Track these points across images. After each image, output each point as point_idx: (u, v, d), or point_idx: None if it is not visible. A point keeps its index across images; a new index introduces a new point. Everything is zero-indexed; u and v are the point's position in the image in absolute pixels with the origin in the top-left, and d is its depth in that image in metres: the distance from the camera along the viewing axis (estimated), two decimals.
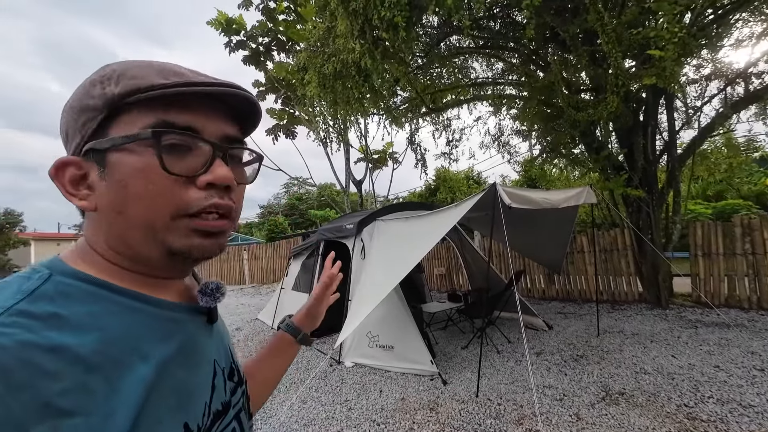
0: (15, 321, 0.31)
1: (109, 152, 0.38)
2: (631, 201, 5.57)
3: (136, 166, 0.38)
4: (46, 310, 0.33)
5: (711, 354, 3.56)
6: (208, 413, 0.43)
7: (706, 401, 2.71)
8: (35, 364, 0.30)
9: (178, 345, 0.41)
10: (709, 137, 6.03)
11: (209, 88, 0.40)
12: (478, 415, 2.78)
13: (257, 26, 9.51)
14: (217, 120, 0.43)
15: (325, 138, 9.95)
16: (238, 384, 0.53)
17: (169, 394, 0.38)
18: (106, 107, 0.38)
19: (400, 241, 4.05)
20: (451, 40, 6.52)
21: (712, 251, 5.29)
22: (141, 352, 0.37)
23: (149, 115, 0.39)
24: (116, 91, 0.38)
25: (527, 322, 4.93)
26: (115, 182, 0.38)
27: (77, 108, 0.40)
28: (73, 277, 0.38)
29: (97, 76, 0.39)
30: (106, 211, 0.39)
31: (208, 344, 0.47)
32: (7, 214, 19.53)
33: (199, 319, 0.47)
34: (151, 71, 0.40)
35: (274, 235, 21.29)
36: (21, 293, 0.34)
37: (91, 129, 0.39)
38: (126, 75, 0.39)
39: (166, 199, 0.39)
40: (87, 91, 0.39)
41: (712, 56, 4.95)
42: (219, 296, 0.48)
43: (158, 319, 0.41)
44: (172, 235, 0.40)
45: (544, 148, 6.71)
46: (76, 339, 0.33)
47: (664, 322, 4.72)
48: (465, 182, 15.44)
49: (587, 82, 5.91)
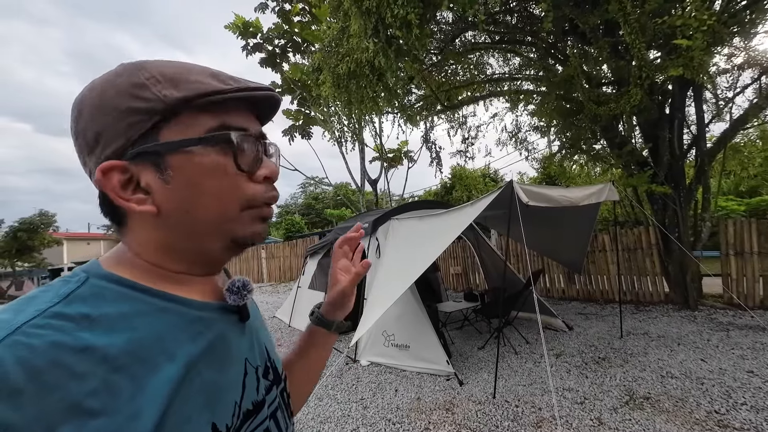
0: (48, 323, 0.32)
1: (170, 154, 0.39)
2: (656, 198, 5.34)
3: (207, 166, 0.40)
4: (80, 311, 0.34)
5: (744, 358, 3.38)
6: (238, 413, 0.42)
7: (738, 408, 2.57)
8: (65, 365, 0.31)
9: (206, 344, 0.42)
10: (741, 130, 5.71)
11: (262, 93, 0.44)
12: (495, 416, 2.74)
13: (273, 29, 9.64)
14: (253, 120, 0.46)
15: (340, 138, 10.01)
16: (275, 382, 0.52)
17: (196, 394, 0.38)
18: (164, 110, 0.39)
19: (415, 240, 4.03)
20: (467, 36, 6.42)
21: (746, 250, 5.01)
22: (169, 352, 0.38)
23: (211, 118, 0.41)
24: (178, 95, 0.39)
25: (546, 323, 4.82)
26: (185, 183, 0.40)
27: (119, 110, 0.38)
28: (107, 279, 0.39)
29: (143, 78, 0.39)
30: (173, 212, 0.40)
31: (240, 343, 0.47)
32: (42, 215, 20.57)
33: (230, 317, 0.47)
34: (206, 77, 0.41)
35: (291, 234, 21.64)
36: (58, 296, 0.35)
37: (141, 131, 0.39)
38: (182, 79, 0.40)
39: (235, 193, 0.43)
40: (134, 92, 0.38)
41: (745, 44, 4.68)
42: (245, 294, 0.48)
43: (187, 319, 0.41)
44: (239, 224, 0.44)
45: (563, 144, 6.53)
46: (105, 340, 0.34)
47: (692, 324, 4.52)
48: (481, 180, 15.24)
49: (608, 75, 5.71)
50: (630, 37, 3.75)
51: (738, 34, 4.31)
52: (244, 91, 0.42)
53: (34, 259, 20.52)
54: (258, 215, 0.45)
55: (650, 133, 5.28)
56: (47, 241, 20.46)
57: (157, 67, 0.40)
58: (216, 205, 0.41)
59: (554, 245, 5.56)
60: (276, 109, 0.49)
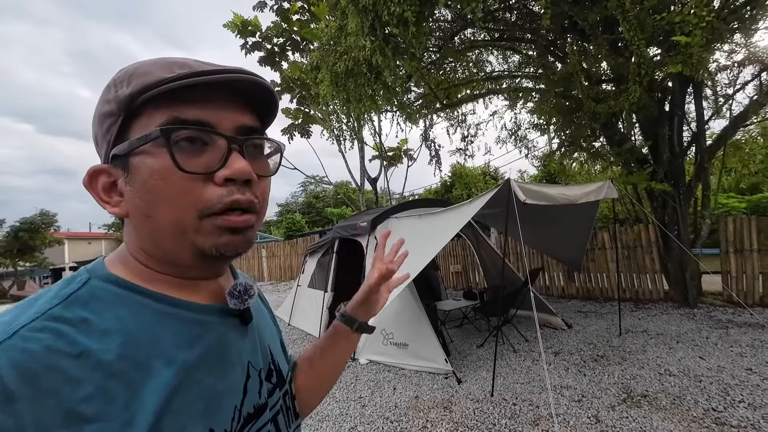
0: (47, 326, 0.32)
1: (131, 156, 0.38)
2: (655, 195, 5.33)
3: (153, 168, 0.37)
4: (79, 314, 0.34)
5: (743, 356, 3.38)
6: (237, 417, 0.42)
7: (736, 406, 2.57)
8: (61, 370, 0.30)
9: (205, 349, 0.41)
10: (742, 126, 5.69)
11: (214, 77, 0.38)
12: (492, 414, 2.74)
13: (272, 27, 9.64)
14: (231, 111, 0.41)
15: (340, 136, 10.00)
16: (278, 385, 0.51)
17: (193, 399, 0.37)
18: (122, 110, 0.38)
19: (414, 238, 4.02)
20: (465, 33, 6.40)
21: (745, 247, 5.00)
22: (165, 357, 0.37)
23: (162, 113, 0.37)
24: (127, 92, 0.37)
25: (545, 321, 4.82)
26: (139, 186, 0.38)
27: (99, 115, 0.40)
28: (107, 280, 0.38)
29: (112, 80, 0.39)
30: (136, 215, 0.39)
31: (242, 346, 0.46)
32: (43, 215, 20.60)
33: (231, 320, 0.46)
34: (157, 67, 0.38)
35: (291, 233, 21.65)
36: (58, 298, 0.35)
37: (113, 134, 0.39)
38: (135, 74, 0.38)
39: (188, 199, 0.38)
40: (104, 96, 0.39)
41: (745, 40, 4.65)
42: (247, 298, 0.46)
43: (186, 323, 0.40)
44: (201, 235, 0.39)
45: (562, 141, 6.51)
46: (101, 344, 0.33)
47: (691, 322, 4.51)
48: (481, 178, 15.21)
49: (608, 72, 5.68)
50: (629, 34, 3.73)
51: (738, 31, 4.29)
52: (187, 78, 0.37)
53: (36, 259, 20.57)
54: (221, 224, 0.39)
55: (650, 130, 5.26)
56: (48, 240, 20.50)
57: (133, 66, 0.40)
58: (170, 211, 0.38)
59: (554, 243, 5.55)
60: (268, 94, 0.43)
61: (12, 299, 18.07)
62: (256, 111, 0.44)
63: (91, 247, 28.78)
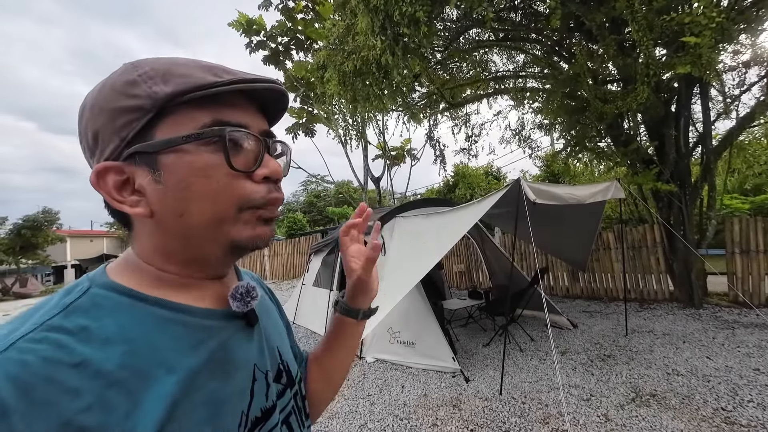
0: (46, 336, 0.32)
1: (162, 153, 0.37)
2: (661, 196, 5.33)
3: (196, 166, 0.37)
4: (78, 323, 0.34)
5: (750, 356, 3.39)
6: (245, 422, 0.41)
7: (745, 405, 2.58)
8: (58, 381, 0.30)
9: (208, 354, 0.40)
10: (747, 127, 5.69)
11: (261, 85, 0.41)
12: (502, 413, 2.75)
13: (276, 26, 9.65)
14: (256, 115, 0.43)
15: (344, 135, 10.01)
16: (288, 386, 0.50)
17: (197, 406, 0.37)
18: (155, 107, 0.36)
19: (421, 237, 4.04)
20: (471, 33, 6.40)
21: (751, 248, 5.01)
22: (167, 365, 0.36)
23: (203, 114, 0.38)
24: (167, 90, 0.36)
25: (551, 321, 4.81)
26: (175, 183, 0.37)
27: (112, 109, 0.37)
28: (108, 288, 0.38)
29: (136, 75, 0.37)
30: (166, 214, 0.38)
31: (248, 349, 0.45)
32: (45, 213, 20.66)
33: (236, 323, 0.45)
34: (198, 69, 0.39)
35: (293, 232, 21.67)
36: (57, 308, 0.34)
37: (134, 131, 0.37)
38: (174, 73, 0.37)
39: (230, 194, 0.39)
40: (124, 90, 0.37)
41: (751, 41, 4.66)
42: (249, 300, 0.45)
43: (188, 328, 0.40)
44: (237, 227, 0.41)
45: (568, 142, 6.51)
46: (101, 353, 0.33)
47: (697, 322, 4.52)
48: (484, 178, 15.20)
49: (614, 72, 5.68)
50: (637, 34, 3.73)
51: (745, 31, 4.29)
52: (238, 84, 0.39)
53: (38, 257, 20.63)
54: (258, 216, 0.42)
55: (656, 130, 5.26)
56: (51, 238, 20.56)
57: (151, 63, 0.39)
58: (210, 206, 0.38)
59: (559, 243, 5.56)
60: (283, 102, 0.46)
61: (14, 296, 18.11)
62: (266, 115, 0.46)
63: (92, 245, 28.83)
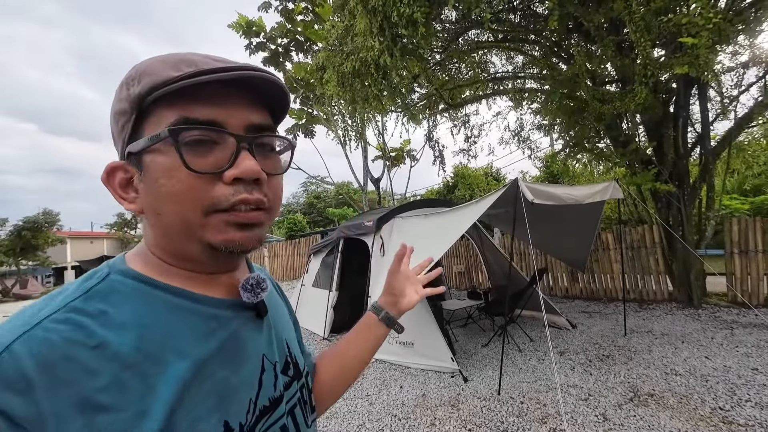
0: (68, 317, 0.34)
1: (143, 154, 0.38)
2: (660, 196, 5.34)
3: (164, 166, 0.38)
4: (98, 307, 0.35)
5: (749, 356, 3.39)
6: (253, 410, 0.42)
7: (743, 405, 2.58)
8: (78, 361, 0.32)
9: (219, 343, 0.41)
10: (746, 128, 5.70)
11: (220, 75, 0.37)
12: (500, 412, 2.76)
13: (276, 28, 9.66)
14: (240, 108, 0.40)
15: (344, 136, 10.03)
16: (295, 378, 0.52)
17: (207, 393, 0.38)
18: (134, 109, 0.38)
19: (420, 238, 4.05)
20: (470, 34, 6.42)
21: (750, 248, 5.01)
22: (180, 351, 0.37)
23: (172, 113, 0.38)
24: (138, 91, 0.37)
25: (550, 321, 4.82)
26: (150, 183, 0.39)
27: (114, 112, 0.41)
28: (126, 275, 0.39)
29: (125, 78, 0.40)
30: (148, 212, 0.40)
31: (257, 339, 0.46)
32: (46, 214, 20.67)
33: (246, 314, 0.46)
34: (165, 65, 0.38)
35: (293, 233, 21.70)
36: (79, 291, 0.36)
37: (128, 132, 0.39)
38: (145, 72, 0.38)
39: (195, 197, 0.38)
40: (118, 94, 0.40)
41: (750, 42, 4.67)
42: (260, 291, 0.46)
43: (201, 317, 0.41)
44: (208, 231, 0.39)
45: (567, 142, 6.52)
46: (118, 337, 0.35)
47: (696, 323, 4.52)
48: (483, 179, 15.22)
49: (613, 73, 5.70)
50: (635, 35, 3.74)
51: (743, 32, 4.30)
52: (195, 77, 0.36)
53: (38, 258, 20.63)
54: (229, 220, 0.39)
55: (654, 131, 5.28)
56: (51, 239, 20.57)
57: (141, 64, 0.40)
58: (175, 207, 0.38)
59: (558, 244, 5.57)
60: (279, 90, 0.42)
61: (15, 298, 18.12)
62: (266, 107, 0.44)
63: (93, 247, 28.84)
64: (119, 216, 26.53)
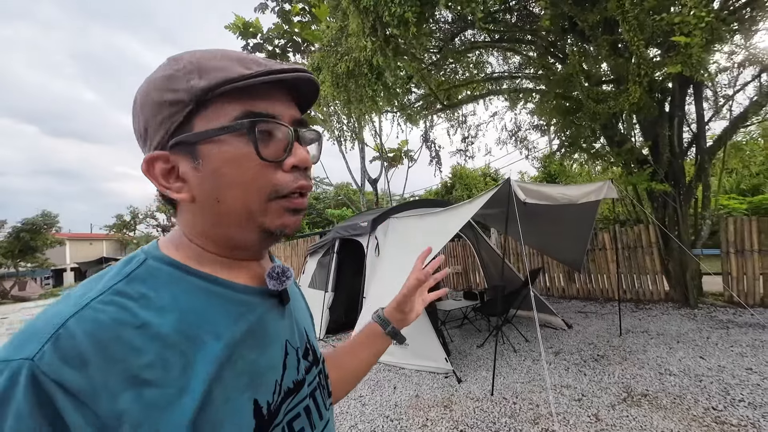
0: (113, 299, 0.36)
1: (201, 144, 0.40)
2: (656, 196, 5.34)
3: (230, 156, 0.40)
4: (139, 290, 0.38)
5: (743, 356, 3.38)
6: (278, 391, 0.45)
7: (736, 405, 2.57)
8: (126, 340, 0.34)
9: (248, 326, 0.43)
10: (742, 127, 5.70)
11: (289, 75, 0.42)
12: (492, 413, 2.74)
13: (273, 29, 9.66)
14: (286, 104, 0.45)
15: (340, 137, 10.03)
16: (314, 363, 0.54)
17: (239, 372, 0.40)
18: (192, 100, 0.39)
19: (414, 238, 4.04)
20: (466, 35, 6.42)
21: (746, 248, 5.00)
22: (214, 332, 0.40)
23: (235, 106, 0.40)
24: (202, 84, 0.39)
25: (546, 321, 4.82)
26: (211, 172, 0.40)
27: (157, 103, 0.40)
28: (162, 261, 0.42)
29: (174, 70, 0.40)
30: (205, 200, 0.42)
31: (281, 325, 0.49)
32: (45, 216, 20.68)
33: (271, 301, 0.49)
34: (231, 62, 0.41)
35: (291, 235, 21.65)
36: (120, 275, 0.39)
37: (176, 122, 0.40)
38: (208, 67, 0.40)
39: (260, 184, 0.41)
40: (166, 85, 0.40)
41: (745, 42, 4.67)
42: (285, 280, 0.49)
43: (231, 302, 0.43)
44: (268, 216, 0.43)
45: (562, 142, 6.52)
46: (159, 318, 0.37)
47: (692, 322, 4.51)
48: (482, 179, 15.22)
49: (608, 72, 5.70)
50: (629, 34, 3.75)
51: (738, 32, 4.30)
52: (266, 75, 0.40)
53: (37, 260, 20.63)
54: (286, 206, 0.43)
55: (650, 130, 5.27)
56: (50, 241, 20.57)
57: (188, 57, 0.41)
58: (240, 194, 0.41)
59: (554, 243, 5.56)
60: (314, 89, 0.47)
61: (13, 300, 18.09)
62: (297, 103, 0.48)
63: (92, 248, 28.82)
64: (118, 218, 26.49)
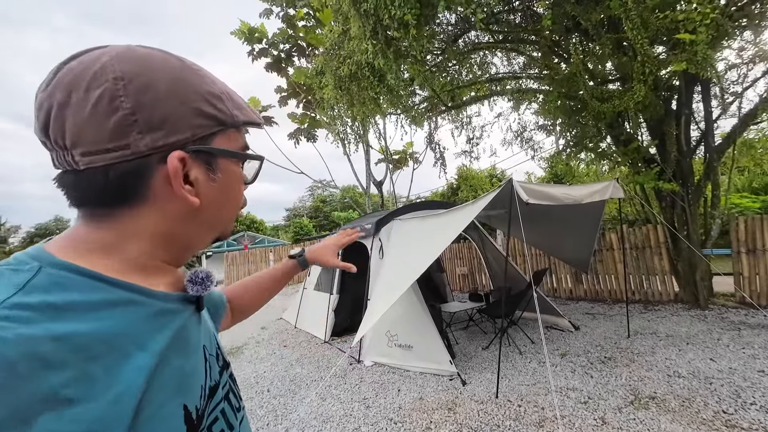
0: (11, 314, 0.31)
1: (221, 158, 0.46)
2: (664, 195, 5.25)
3: (237, 176, 0.50)
4: (43, 300, 0.34)
5: (755, 358, 3.30)
6: (204, 395, 0.46)
7: (747, 408, 2.51)
8: (38, 356, 0.30)
9: (173, 334, 0.43)
10: (752, 124, 5.58)
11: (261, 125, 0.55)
12: (497, 416, 2.72)
13: (278, 33, 9.76)
14: None
15: (344, 140, 10.07)
16: (224, 367, 0.56)
17: (168, 380, 0.40)
18: (227, 125, 0.46)
19: (417, 239, 4.04)
20: (469, 36, 6.41)
21: (758, 247, 4.89)
22: (139, 342, 0.38)
23: (240, 138, 0.50)
24: (243, 118, 0.48)
25: (552, 323, 4.77)
26: (225, 185, 0.47)
27: (193, 108, 0.43)
28: (67, 269, 0.38)
29: (215, 91, 0.46)
30: (210, 206, 0.46)
31: (198, 331, 0.50)
32: (58, 221, 21.13)
33: (189, 307, 0.49)
34: (246, 106, 0.51)
35: (299, 237, 21.79)
36: (14, 286, 0.34)
37: (203, 133, 0.44)
38: (240, 104, 0.49)
39: (239, 201, 0.52)
40: (208, 99, 0.44)
41: (755, 38, 4.58)
42: (209, 284, 0.50)
43: (154, 311, 0.42)
44: (230, 225, 0.53)
45: (568, 142, 6.45)
46: (75, 329, 0.34)
47: (702, 324, 4.42)
48: (488, 180, 15.14)
49: (612, 71, 5.64)
50: (632, 32, 3.70)
51: (747, 28, 4.23)
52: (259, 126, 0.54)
53: None
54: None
55: (657, 129, 5.20)
56: None
57: (222, 85, 0.49)
58: (233, 208, 0.51)
59: (560, 244, 5.50)
60: None
61: None
62: None
63: None
64: None
